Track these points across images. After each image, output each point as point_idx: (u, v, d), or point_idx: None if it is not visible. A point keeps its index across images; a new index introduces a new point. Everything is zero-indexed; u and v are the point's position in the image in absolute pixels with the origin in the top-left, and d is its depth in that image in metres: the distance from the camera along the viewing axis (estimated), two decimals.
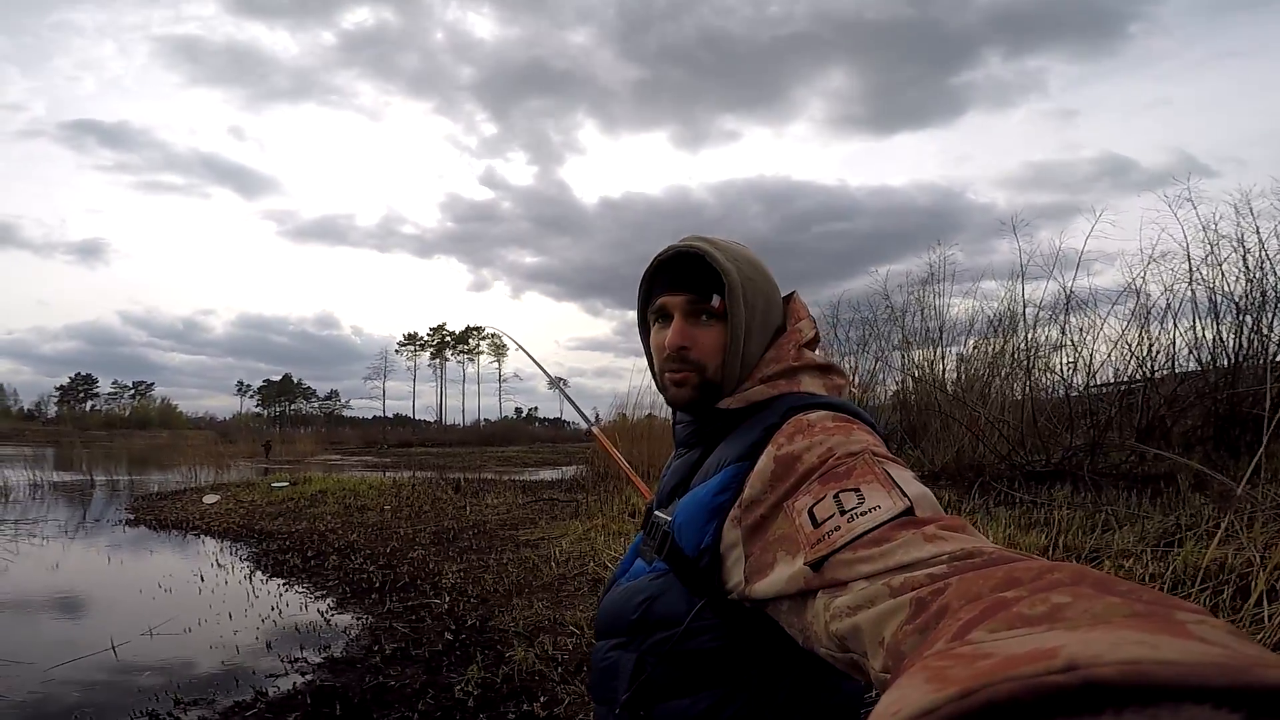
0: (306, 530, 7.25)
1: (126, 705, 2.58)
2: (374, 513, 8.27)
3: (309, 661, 3.21)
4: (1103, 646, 0.23)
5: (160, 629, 3.68)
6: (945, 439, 7.30)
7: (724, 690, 0.73)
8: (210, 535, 7.26)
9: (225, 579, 5.12)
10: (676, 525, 0.77)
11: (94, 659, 3.11)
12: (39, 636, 3.50)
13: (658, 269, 0.88)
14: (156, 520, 8.19)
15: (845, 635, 0.52)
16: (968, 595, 0.41)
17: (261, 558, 5.98)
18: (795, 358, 0.86)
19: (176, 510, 9.09)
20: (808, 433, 0.70)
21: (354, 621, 3.97)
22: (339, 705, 2.56)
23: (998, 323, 8.05)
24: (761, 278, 0.88)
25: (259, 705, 2.61)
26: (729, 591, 0.70)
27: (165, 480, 13.91)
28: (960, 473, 6.57)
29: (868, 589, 0.51)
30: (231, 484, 12.57)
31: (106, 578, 5.15)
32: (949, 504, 5.51)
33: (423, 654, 3.26)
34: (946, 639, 0.35)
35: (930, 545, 0.51)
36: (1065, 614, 0.31)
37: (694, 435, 0.88)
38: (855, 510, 0.58)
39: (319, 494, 9.96)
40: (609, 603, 0.86)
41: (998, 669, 0.24)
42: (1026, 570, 0.40)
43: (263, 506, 9.18)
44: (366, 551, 6.01)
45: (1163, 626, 0.27)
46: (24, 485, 11.41)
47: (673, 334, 0.84)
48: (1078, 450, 5.94)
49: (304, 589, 4.83)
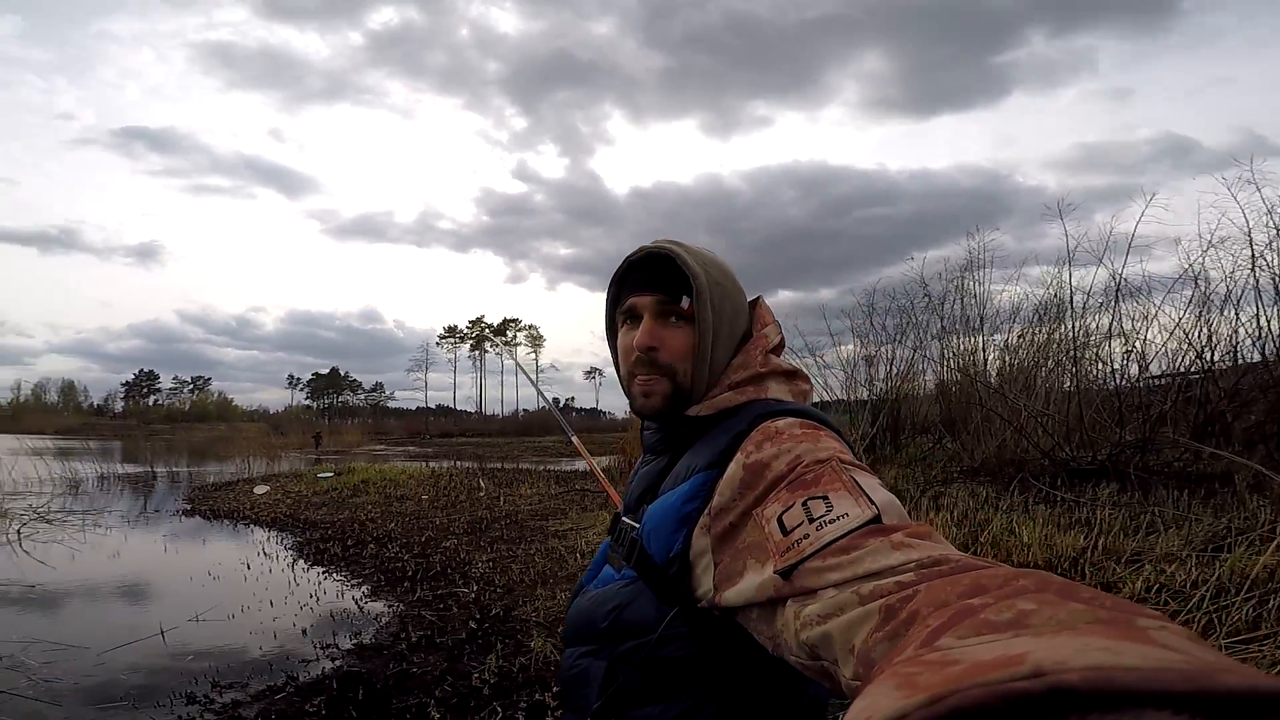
0: (348, 520, 7.51)
1: (169, 687, 2.76)
2: (412, 502, 8.52)
3: (340, 647, 3.37)
4: (1067, 652, 0.24)
5: (206, 615, 3.90)
6: (986, 433, 7.04)
7: (694, 698, 0.74)
8: (259, 525, 7.57)
9: (270, 567, 5.36)
10: (645, 533, 0.78)
11: (145, 643, 3.33)
12: (97, 621, 3.74)
13: (628, 270, 0.89)
14: (210, 510, 8.57)
15: (816, 643, 0.52)
16: (936, 602, 0.42)
17: (304, 546, 6.23)
18: (762, 364, 0.87)
19: (229, 500, 9.49)
20: (775, 440, 0.71)
21: (385, 609, 4.14)
22: (362, 690, 2.70)
23: (1044, 310, 7.65)
24: (730, 283, 0.89)
25: (288, 689, 2.77)
26: (698, 599, 0.71)
27: (220, 471, 14.50)
28: (1000, 468, 6.36)
29: (837, 597, 0.52)
30: (281, 475, 13.05)
31: (162, 566, 5.44)
32: (985, 501, 5.38)
33: (446, 642, 3.39)
34: (915, 645, 0.36)
35: (898, 553, 0.52)
36: (1030, 620, 0.32)
37: (662, 442, 0.89)
38: (824, 518, 0.58)
39: (361, 484, 10.28)
40: (578, 610, 0.87)
41: (965, 675, 0.25)
42: (993, 577, 0.41)
43: (309, 497, 9.52)
44: (402, 541, 6.21)
45: (1125, 633, 0.27)
46: (93, 478, 12.06)
47: (642, 334, 0.84)
48: (1127, 447, 5.63)
49: (342, 577, 5.03)
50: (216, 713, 2.56)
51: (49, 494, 9.05)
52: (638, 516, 0.84)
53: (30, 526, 6.75)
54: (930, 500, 5.57)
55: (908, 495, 5.89)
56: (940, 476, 6.86)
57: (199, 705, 2.62)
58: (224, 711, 2.56)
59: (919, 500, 5.56)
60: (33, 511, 7.50)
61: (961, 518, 4.86)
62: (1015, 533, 4.28)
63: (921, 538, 0.54)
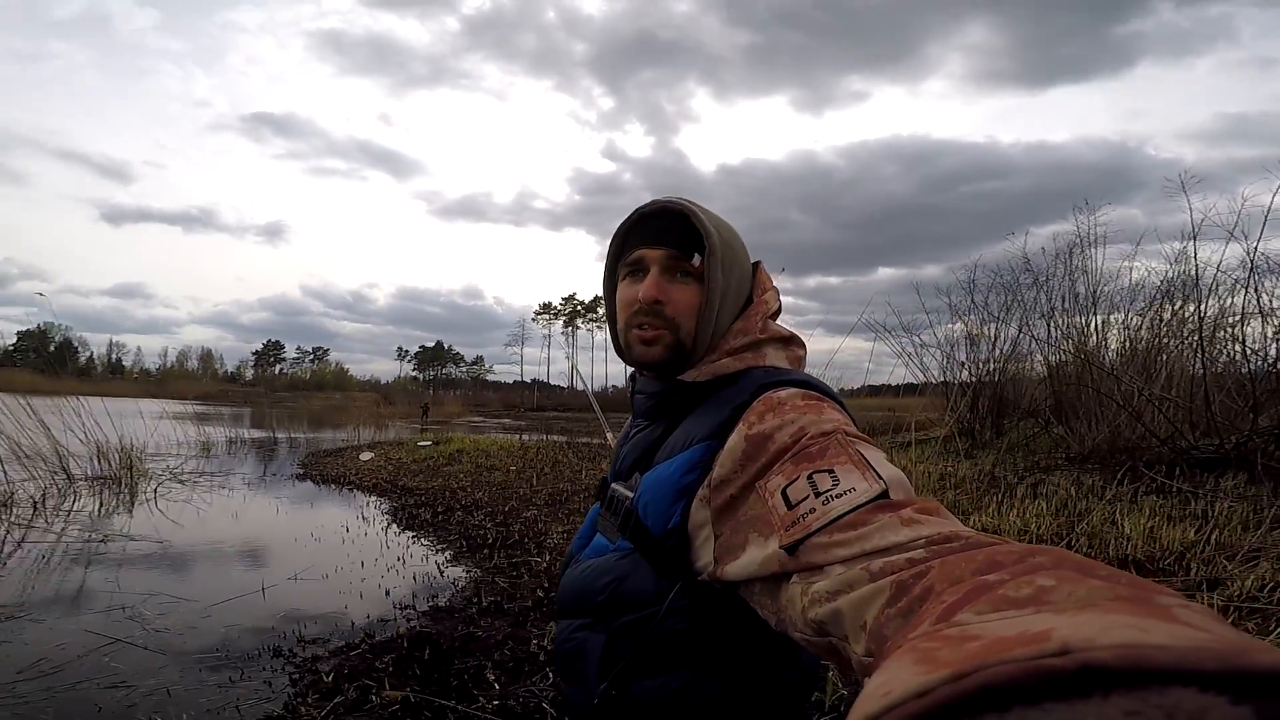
0: (440, 487, 7.90)
1: (260, 641, 3.01)
2: (500, 473, 8.86)
3: (416, 609, 3.57)
4: (1093, 630, 0.24)
5: (303, 574, 4.22)
6: (1098, 418, 6.58)
7: (695, 670, 0.74)
8: (361, 490, 8.09)
9: (366, 530, 5.73)
10: (642, 503, 0.77)
11: (246, 599, 3.64)
12: (210, 577, 4.13)
13: (636, 223, 0.87)
14: (320, 475, 9.22)
15: (824, 620, 0.52)
16: (950, 578, 0.41)
17: (399, 512, 6.61)
18: (761, 330, 0.85)
19: (338, 466, 10.19)
20: (778, 411, 0.70)
21: (463, 574, 4.34)
22: (429, 650, 2.85)
23: (1170, 287, 6.99)
24: (739, 246, 0.88)
25: (363, 647, 2.96)
26: (698, 572, 0.71)
27: (333, 438, 15.61)
28: (1111, 456, 5.95)
29: (846, 574, 0.51)
30: (386, 442, 13.89)
31: (272, 527, 5.92)
32: (1089, 490, 5.06)
33: (514, 608, 3.52)
34: (931, 621, 0.35)
35: (907, 529, 0.51)
36: (1050, 597, 0.31)
37: (657, 408, 0.87)
38: (830, 493, 0.58)
39: (456, 454, 10.78)
40: (572, 581, 0.87)
41: (988, 651, 0.24)
42: (1007, 554, 0.40)
43: (408, 464, 10.08)
44: (488, 509, 6.48)
45: (1148, 610, 0.27)
46: (222, 442, 13.27)
47: (648, 285, 0.82)
48: (1261, 435, 5.09)
49: (429, 542, 5.31)
50: (297, 665, 2.76)
51: (184, 456, 10.03)
52: (631, 484, 0.82)
53: (165, 486, 7.51)
54: (1028, 488, 5.26)
55: (1004, 482, 5.58)
56: (1043, 463, 6.48)
57: (283, 658, 2.84)
58: (304, 665, 2.77)
59: (1016, 488, 5.27)
60: (169, 472, 8.35)
61: (1060, 507, 4.59)
62: (1117, 524, 4.00)
63: (930, 513, 0.53)
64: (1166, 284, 7.09)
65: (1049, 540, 3.95)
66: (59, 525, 5.33)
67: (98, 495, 6.78)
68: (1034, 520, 4.25)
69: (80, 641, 2.90)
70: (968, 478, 5.81)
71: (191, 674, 2.65)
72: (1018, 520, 4.31)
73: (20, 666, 2.62)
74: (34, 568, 4.12)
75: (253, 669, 2.73)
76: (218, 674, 2.66)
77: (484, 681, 2.61)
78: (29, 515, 5.61)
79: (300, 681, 2.61)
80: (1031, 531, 4.08)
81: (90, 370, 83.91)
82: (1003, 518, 4.41)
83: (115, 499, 6.71)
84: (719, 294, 0.82)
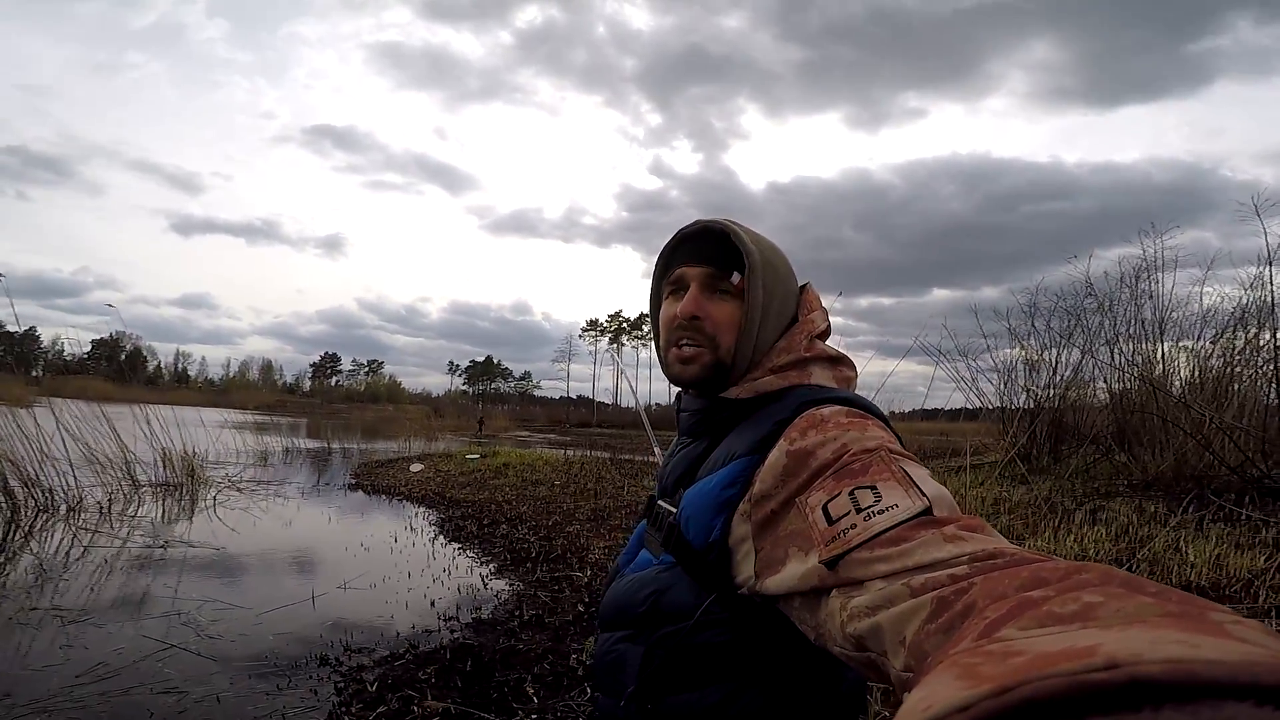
0: (486, 500, 7.98)
1: (308, 650, 3.04)
2: (545, 487, 8.90)
3: (460, 621, 3.58)
4: (1142, 645, 0.23)
5: (352, 584, 4.28)
6: (1164, 445, 6.39)
7: (733, 684, 0.73)
8: (410, 501, 8.23)
9: (413, 541, 5.80)
10: (684, 518, 0.78)
11: (295, 607, 3.71)
12: (263, 584, 4.22)
13: (679, 243, 0.89)
14: (371, 486, 9.41)
15: (864, 635, 0.51)
16: (993, 594, 0.41)
17: (446, 523, 6.69)
18: (807, 349, 0.85)
19: (388, 477, 10.39)
20: (821, 428, 0.70)
21: (506, 587, 4.34)
22: (470, 662, 2.84)
23: (1243, 314, 6.71)
24: (783, 266, 0.88)
25: (407, 657, 2.97)
26: (738, 586, 0.70)
27: (385, 450, 15.96)
28: (1176, 483, 5.77)
29: (887, 589, 0.51)
30: (436, 455, 14.13)
31: (324, 536, 6.05)
32: (1151, 517, 4.87)
33: (555, 622, 3.49)
34: (973, 637, 0.34)
35: (950, 545, 0.51)
36: (1097, 613, 0.31)
37: (700, 425, 0.88)
38: (872, 509, 0.57)
39: (503, 467, 10.89)
40: (615, 594, 0.87)
41: (1032, 666, 0.24)
42: (1053, 570, 0.39)
43: (456, 476, 10.23)
44: (531, 523, 6.50)
45: (1200, 626, 0.26)
46: (279, 451, 13.70)
47: (687, 301, 0.84)
48: None
49: (474, 554, 5.35)
50: (343, 674, 2.79)
51: (242, 464, 10.37)
52: (675, 500, 0.83)
53: (224, 494, 7.77)
54: (1087, 514, 5.06)
55: (1061, 507, 5.36)
56: (1103, 489, 6.24)
57: (329, 667, 2.87)
58: (349, 674, 2.79)
59: (1074, 514, 5.06)
60: (228, 480, 8.64)
61: (1120, 533, 4.40)
62: (1180, 550, 3.83)
63: (973, 530, 0.53)
64: (1240, 310, 6.81)
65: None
66: (124, 530, 5.55)
67: (161, 501, 7.05)
68: (1092, 546, 4.09)
69: (137, 646, 2.99)
70: (1024, 503, 5.59)
71: (241, 681, 2.69)
72: (1075, 545, 4.14)
73: (79, 670, 2.71)
74: (98, 572, 4.28)
75: (300, 677, 2.76)
76: (266, 681, 2.70)
77: (523, 695, 2.59)
78: (95, 520, 5.86)
79: (345, 690, 2.63)
80: (1090, 557, 3.89)
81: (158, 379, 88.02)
82: (1059, 543, 4.24)
83: (177, 505, 6.96)
84: (759, 310, 0.83)
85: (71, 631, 3.15)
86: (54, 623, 3.26)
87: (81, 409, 7.98)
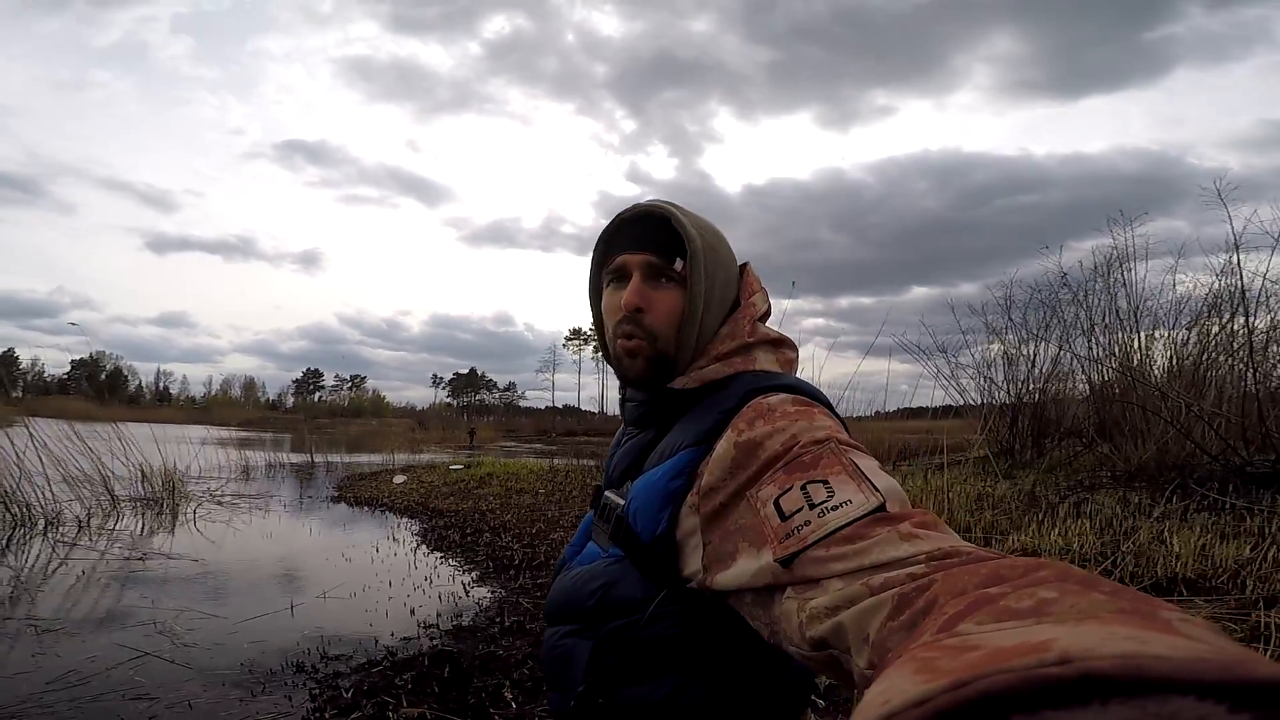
0: (470, 509, 7.92)
1: (285, 658, 3.01)
2: (529, 495, 8.86)
3: (440, 628, 3.56)
4: (1094, 640, 0.24)
5: (332, 593, 4.24)
6: (1144, 435, 6.44)
7: (683, 676, 0.73)
8: (393, 511, 8.15)
9: (395, 551, 5.75)
10: (631, 510, 0.77)
11: (275, 616, 3.67)
12: (241, 594, 4.17)
13: (618, 228, 0.86)
14: (355, 498, 9.31)
15: (826, 636, 0.51)
16: (953, 591, 0.41)
17: (428, 533, 6.63)
18: (750, 333, 0.84)
19: (371, 489, 10.28)
20: (768, 418, 0.69)
21: (489, 594, 4.32)
22: (449, 668, 2.82)
23: (1218, 301, 6.83)
24: (724, 249, 0.87)
25: (385, 664, 2.95)
26: (687, 579, 0.70)
27: (369, 463, 15.81)
28: (1159, 474, 5.81)
29: (846, 590, 0.50)
30: (419, 466, 14.03)
31: (305, 547, 5.98)
32: (1135, 508, 4.89)
33: (536, 628, 3.48)
34: (932, 632, 0.35)
35: (907, 544, 0.51)
36: (1052, 608, 0.31)
37: (646, 415, 0.87)
38: (825, 505, 0.57)
39: (487, 476, 10.83)
40: (562, 587, 0.86)
41: (988, 660, 0.25)
42: (1011, 567, 0.40)
43: (439, 487, 10.15)
44: (515, 531, 6.47)
45: (1149, 623, 0.27)
46: (262, 466, 13.55)
47: (629, 293, 0.82)
48: None
49: (456, 563, 5.31)
50: (319, 681, 2.76)
51: (224, 479, 10.26)
52: (622, 492, 0.82)
53: (205, 508, 7.67)
54: (1071, 507, 5.10)
55: (1045, 501, 5.41)
56: (1086, 482, 6.29)
57: (305, 674, 2.84)
58: (325, 681, 2.76)
59: (1058, 507, 5.10)
60: (209, 495, 8.54)
61: (1105, 525, 4.43)
62: (1165, 541, 3.85)
63: (928, 527, 0.53)
64: (1214, 296, 6.89)
65: (1093, 559, 3.81)
66: (102, 543, 5.48)
67: (140, 516, 6.95)
68: (1076, 539, 4.10)
69: (110, 655, 2.95)
70: (1007, 497, 5.64)
71: (215, 688, 2.67)
72: (1059, 539, 4.16)
73: (50, 678, 2.67)
74: (75, 583, 4.22)
75: (275, 684, 2.74)
76: (240, 688, 2.67)
77: (501, 700, 2.58)
78: (74, 533, 5.78)
79: (319, 697, 2.61)
80: (1074, 550, 3.92)
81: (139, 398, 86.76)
82: (1043, 536, 4.26)
83: (157, 519, 6.87)
84: (702, 298, 0.81)
85: (46, 641, 3.11)
86: (28, 632, 3.22)
87: (61, 428, 7.88)
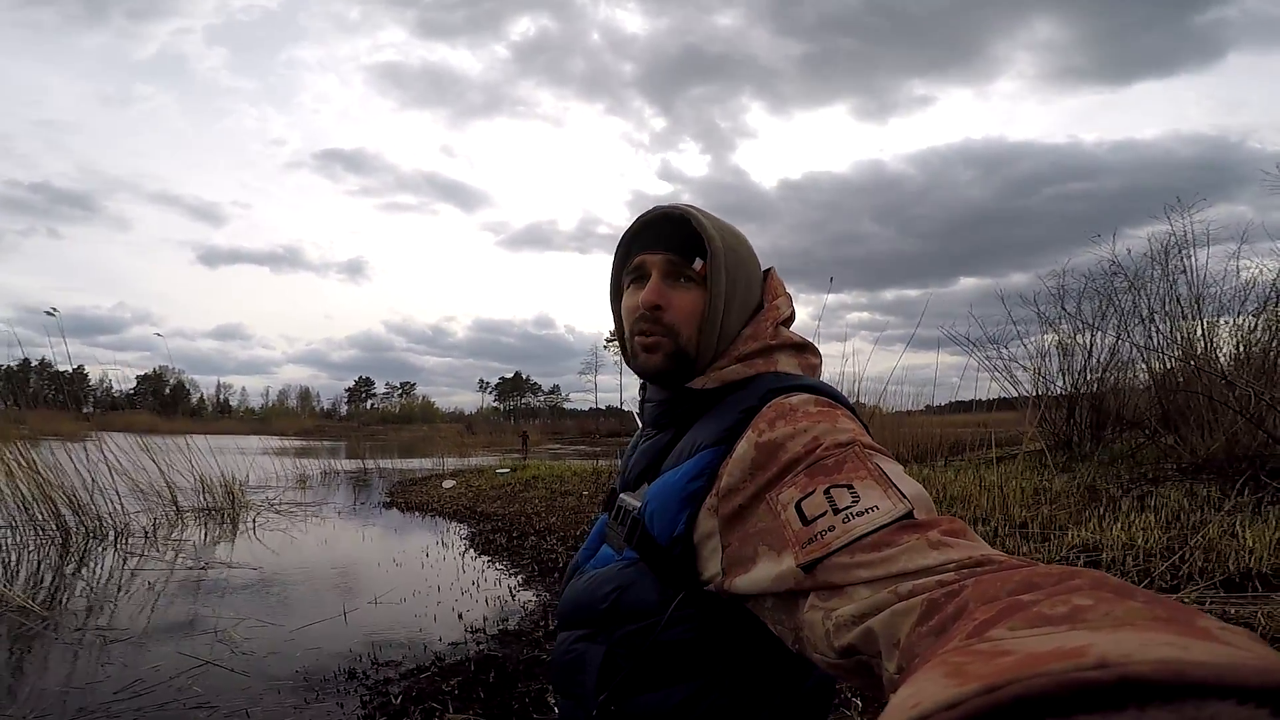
0: (516, 513, 8.02)
1: (338, 664, 3.09)
2: (574, 498, 8.92)
3: (486, 633, 3.60)
4: (1132, 646, 0.24)
5: (383, 598, 4.34)
6: (1213, 426, 6.15)
7: (699, 682, 0.72)
8: (443, 516, 8.32)
9: (444, 555, 5.87)
10: (648, 512, 0.76)
11: (329, 623, 3.77)
12: (297, 601, 4.30)
13: (639, 230, 0.87)
14: (406, 503, 9.54)
15: (855, 643, 0.50)
16: (984, 597, 0.40)
17: (476, 537, 6.75)
18: (772, 336, 0.83)
19: (422, 494, 10.52)
20: (790, 419, 0.68)
21: (533, 598, 4.36)
22: (494, 673, 2.86)
23: None
24: (746, 251, 0.87)
25: (433, 669, 3.00)
26: (705, 583, 0.69)
27: (420, 468, 16.16)
28: (1229, 465, 5.55)
29: (874, 597, 0.49)
30: (468, 470, 14.27)
31: (358, 552, 6.15)
32: (1204, 501, 4.69)
33: None
34: (962, 637, 0.35)
35: (936, 552, 0.49)
36: (1087, 616, 0.31)
37: (664, 416, 0.86)
38: (850, 510, 0.55)
39: (533, 479, 10.95)
40: (574, 591, 0.85)
41: (1021, 665, 0.24)
42: (1045, 575, 0.39)
43: (487, 491, 10.30)
44: (560, 534, 6.52)
45: (1187, 630, 0.27)
46: (317, 473, 13.97)
47: (648, 291, 0.82)
48: None
49: (502, 566, 5.39)
50: (369, 688, 2.83)
51: (281, 488, 10.61)
52: (638, 494, 0.81)
53: (264, 516, 7.95)
54: (1134, 500, 4.89)
55: (1106, 494, 5.20)
56: (1150, 474, 6.03)
57: (356, 680, 2.91)
58: (375, 687, 2.83)
59: (1120, 501, 4.90)
60: (267, 503, 8.84)
61: (1171, 519, 4.24)
62: (1237, 536, 3.67)
63: (957, 535, 0.52)
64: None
65: (1158, 553, 3.65)
66: (168, 554, 5.72)
67: (203, 525, 7.24)
68: (1141, 534, 3.93)
69: (174, 664, 3.08)
70: (1065, 491, 5.43)
71: (271, 695, 2.75)
72: (1122, 534, 3.99)
73: (117, 687, 2.79)
74: (142, 594, 4.42)
75: (328, 691, 2.81)
76: (294, 695, 2.75)
77: (544, 705, 2.60)
78: (141, 544, 6.05)
79: (370, 703, 2.67)
80: (1139, 546, 3.76)
81: (201, 410, 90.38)
82: (1104, 531, 4.09)
83: (219, 529, 7.14)
84: (722, 298, 0.80)
85: (114, 650, 3.26)
86: (98, 642, 3.38)
87: (129, 441, 8.27)
